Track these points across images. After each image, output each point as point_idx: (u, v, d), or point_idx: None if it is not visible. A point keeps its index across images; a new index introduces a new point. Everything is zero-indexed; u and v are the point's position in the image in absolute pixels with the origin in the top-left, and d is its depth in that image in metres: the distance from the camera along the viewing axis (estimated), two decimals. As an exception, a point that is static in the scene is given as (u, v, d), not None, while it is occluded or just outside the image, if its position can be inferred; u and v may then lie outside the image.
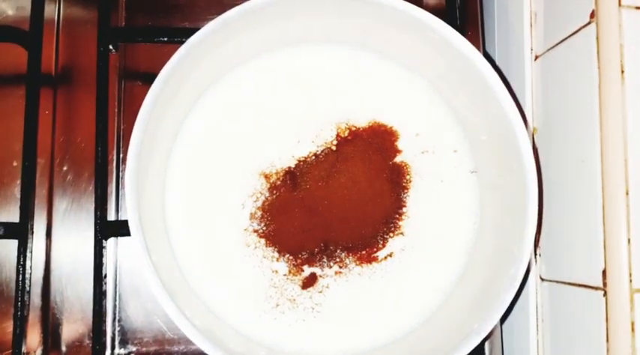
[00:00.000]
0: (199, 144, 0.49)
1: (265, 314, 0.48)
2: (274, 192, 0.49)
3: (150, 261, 0.39)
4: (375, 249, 0.49)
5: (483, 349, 0.51)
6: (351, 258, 0.49)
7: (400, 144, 0.50)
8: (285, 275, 0.49)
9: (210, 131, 0.49)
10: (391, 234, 0.50)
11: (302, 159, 0.50)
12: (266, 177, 0.50)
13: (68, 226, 0.54)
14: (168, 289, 0.40)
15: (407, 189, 0.50)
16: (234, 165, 0.49)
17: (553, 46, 0.51)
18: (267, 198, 0.49)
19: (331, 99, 0.50)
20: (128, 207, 0.40)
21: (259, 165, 0.50)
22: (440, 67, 0.48)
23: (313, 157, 0.50)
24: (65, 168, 0.55)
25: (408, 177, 0.50)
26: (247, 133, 0.50)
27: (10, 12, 0.58)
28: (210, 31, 0.42)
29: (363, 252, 0.49)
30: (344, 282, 0.49)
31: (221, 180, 0.49)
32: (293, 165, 0.50)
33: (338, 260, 0.49)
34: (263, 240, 0.49)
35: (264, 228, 0.49)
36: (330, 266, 0.49)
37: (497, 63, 0.61)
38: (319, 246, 0.49)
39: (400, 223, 0.50)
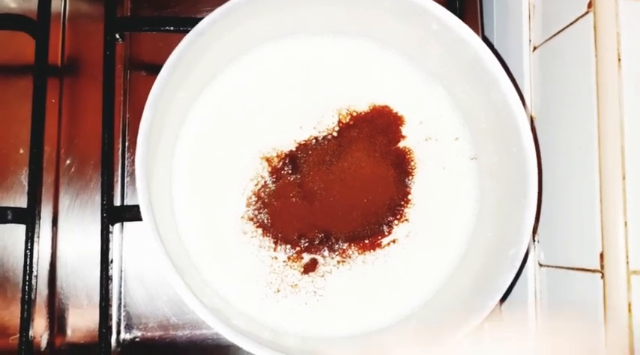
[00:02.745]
0: (205, 130, 0.50)
1: (267, 298, 0.49)
2: (274, 176, 0.50)
3: (160, 241, 0.40)
4: (379, 237, 0.50)
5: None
6: (353, 248, 0.50)
7: (404, 130, 0.51)
8: (284, 261, 0.50)
9: (215, 117, 0.50)
10: (396, 222, 0.51)
11: (303, 142, 0.51)
12: (268, 160, 0.50)
13: (74, 214, 0.55)
14: (177, 270, 0.40)
15: (411, 175, 0.51)
16: (238, 151, 0.50)
17: (551, 37, 0.52)
18: (266, 184, 0.50)
19: (333, 87, 0.51)
20: (139, 190, 0.40)
21: (261, 150, 0.50)
22: (441, 55, 0.48)
23: (314, 141, 0.50)
24: (71, 157, 0.55)
25: (412, 163, 0.51)
26: (251, 119, 0.50)
27: (14, 5, 0.58)
28: (218, 18, 0.43)
29: (367, 241, 0.50)
30: (346, 270, 0.50)
31: (225, 165, 0.50)
32: (294, 149, 0.51)
33: (340, 251, 0.50)
34: (260, 230, 0.50)
35: (260, 217, 0.50)
36: (332, 258, 0.50)
37: (496, 54, 0.62)
38: (319, 236, 0.49)
39: (406, 210, 0.51)
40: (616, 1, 0.44)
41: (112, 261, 0.51)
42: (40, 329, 0.53)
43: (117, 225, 0.54)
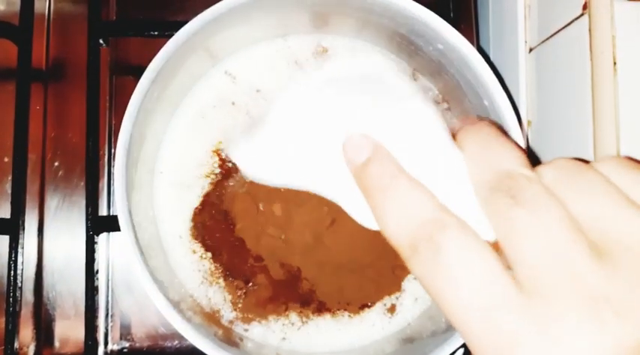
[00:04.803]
0: (189, 136, 0.48)
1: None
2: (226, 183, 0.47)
3: (140, 254, 0.39)
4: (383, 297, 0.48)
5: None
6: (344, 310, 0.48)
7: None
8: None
9: (200, 123, 0.49)
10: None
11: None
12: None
13: (60, 222, 0.54)
14: (159, 283, 0.39)
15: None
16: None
17: (547, 39, 0.51)
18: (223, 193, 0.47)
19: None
20: (117, 202, 0.39)
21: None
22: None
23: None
24: (56, 164, 0.54)
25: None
26: (236, 126, 0.49)
27: (1, 7, 0.57)
28: (200, 24, 0.42)
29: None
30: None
31: (207, 171, 0.48)
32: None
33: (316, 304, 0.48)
34: (209, 253, 0.47)
35: (207, 240, 0.47)
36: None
37: (492, 56, 0.60)
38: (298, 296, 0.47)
39: None
40: (611, 2, 0.43)
41: (97, 272, 0.50)
42: (26, 340, 0.52)
43: (104, 233, 0.53)
